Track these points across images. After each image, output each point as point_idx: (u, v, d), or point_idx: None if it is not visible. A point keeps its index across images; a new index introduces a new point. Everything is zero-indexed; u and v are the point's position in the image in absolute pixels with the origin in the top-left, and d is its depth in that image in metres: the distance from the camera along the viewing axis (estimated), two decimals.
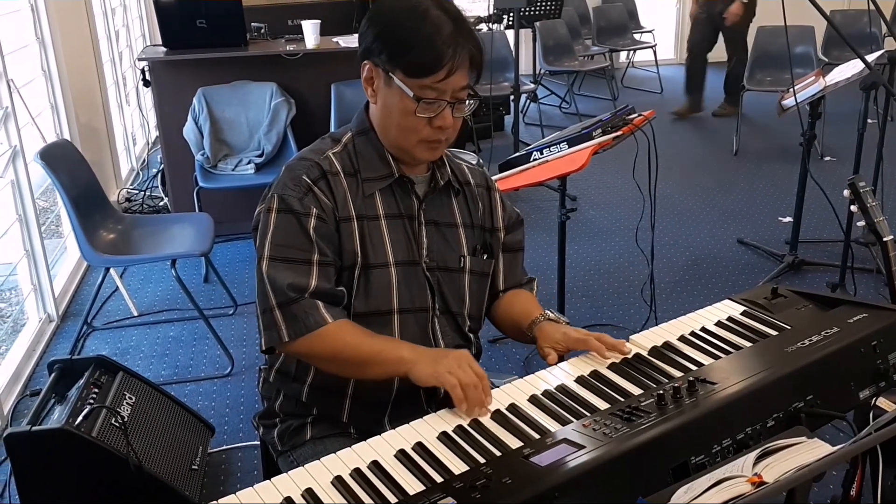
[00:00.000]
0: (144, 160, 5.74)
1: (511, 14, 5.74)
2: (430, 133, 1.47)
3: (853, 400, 1.40)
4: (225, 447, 2.69)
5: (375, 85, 1.50)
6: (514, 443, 1.22)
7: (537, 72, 6.75)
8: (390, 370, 1.45)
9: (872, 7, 3.08)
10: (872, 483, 1.89)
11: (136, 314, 3.61)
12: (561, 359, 1.51)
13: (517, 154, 2.80)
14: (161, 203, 4.73)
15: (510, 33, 5.93)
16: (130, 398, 2.34)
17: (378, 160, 1.54)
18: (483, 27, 6.43)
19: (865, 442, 0.87)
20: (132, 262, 3.66)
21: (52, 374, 2.36)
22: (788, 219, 4.33)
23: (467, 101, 1.48)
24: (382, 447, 1.24)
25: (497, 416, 1.31)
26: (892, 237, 1.88)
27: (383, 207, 1.54)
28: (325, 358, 1.48)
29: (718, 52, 6.71)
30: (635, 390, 1.35)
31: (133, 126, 5.83)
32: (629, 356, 1.46)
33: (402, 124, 1.47)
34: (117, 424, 2.16)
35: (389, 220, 1.54)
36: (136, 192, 5.01)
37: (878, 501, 1.90)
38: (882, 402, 1.70)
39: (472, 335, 1.66)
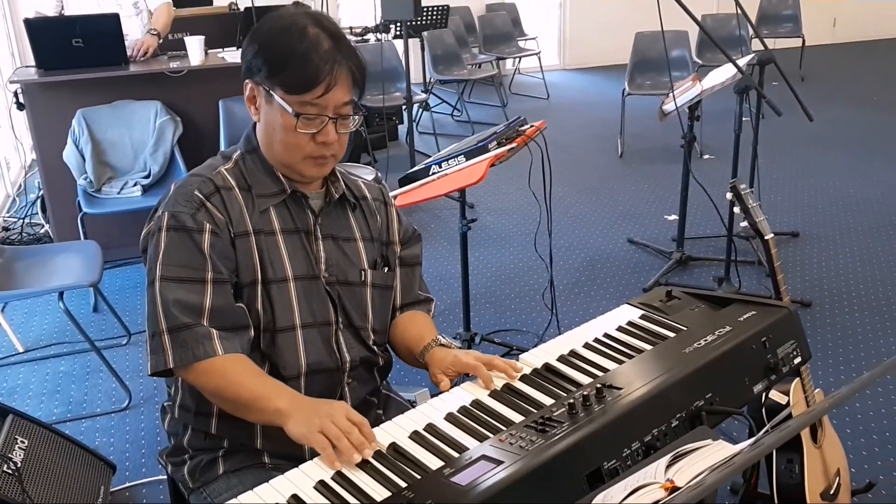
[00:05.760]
0: (21, 185, 5.44)
1: (399, 24, 5.76)
2: (315, 149, 1.48)
3: (748, 394, 1.48)
4: (128, 484, 2.59)
5: (258, 103, 1.50)
6: (434, 463, 1.23)
7: (428, 81, 6.81)
8: (267, 419, 1.39)
9: (740, 11, 3.30)
10: (767, 468, 2.01)
11: (21, 350, 3.41)
12: (460, 381, 1.52)
13: (416, 168, 2.81)
14: (42, 230, 4.49)
15: (399, 43, 5.96)
16: (23, 442, 2.22)
17: (268, 178, 1.53)
18: (371, 37, 6.43)
19: (768, 445, 0.92)
20: (15, 298, 3.46)
21: None
22: (674, 217, 4.53)
23: (352, 117, 1.49)
24: (301, 480, 1.22)
25: (415, 437, 1.32)
26: (772, 235, 2.00)
27: (279, 222, 1.53)
28: (209, 392, 1.45)
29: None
30: (547, 400, 1.38)
31: (6, 150, 5.52)
32: (538, 368, 1.49)
33: (285, 141, 1.47)
34: (10, 472, 2.04)
35: (286, 234, 1.53)
36: (14, 220, 4.74)
37: (774, 484, 2.02)
38: (773, 394, 1.81)
39: (377, 348, 1.65)
